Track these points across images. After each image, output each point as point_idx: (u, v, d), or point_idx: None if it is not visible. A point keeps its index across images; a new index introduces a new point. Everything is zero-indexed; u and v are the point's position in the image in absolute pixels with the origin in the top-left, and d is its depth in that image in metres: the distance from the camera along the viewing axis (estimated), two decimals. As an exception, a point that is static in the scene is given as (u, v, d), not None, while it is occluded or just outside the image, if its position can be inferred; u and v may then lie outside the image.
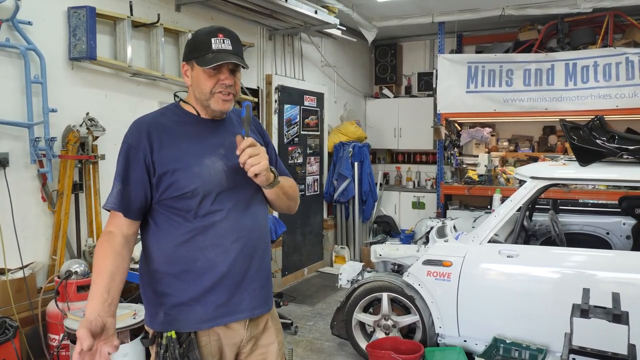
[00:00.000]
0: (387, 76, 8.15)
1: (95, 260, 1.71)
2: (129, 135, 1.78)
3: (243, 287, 1.81)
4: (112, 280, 1.64)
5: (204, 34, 1.77)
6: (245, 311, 1.83)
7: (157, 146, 1.74)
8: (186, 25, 4.69)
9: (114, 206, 1.73)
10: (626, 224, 4.47)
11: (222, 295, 1.78)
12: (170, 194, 1.73)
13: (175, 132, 1.78)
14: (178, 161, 1.74)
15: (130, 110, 4.28)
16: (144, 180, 1.73)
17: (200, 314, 1.76)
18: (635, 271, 3.25)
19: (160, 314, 1.77)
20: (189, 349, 1.75)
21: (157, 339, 1.77)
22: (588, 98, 5.75)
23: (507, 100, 6.21)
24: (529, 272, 3.48)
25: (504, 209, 3.63)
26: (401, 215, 7.74)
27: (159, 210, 1.77)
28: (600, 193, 5.72)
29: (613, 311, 2.01)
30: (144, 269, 1.82)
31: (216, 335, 1.80)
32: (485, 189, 6.37)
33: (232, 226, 1.78)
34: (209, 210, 1.75)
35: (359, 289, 3.97)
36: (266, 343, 1.93)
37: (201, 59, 1.73)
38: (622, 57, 5.56)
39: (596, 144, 3.50)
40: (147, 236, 1.80)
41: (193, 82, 1.79)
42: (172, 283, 1.76)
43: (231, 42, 1.76)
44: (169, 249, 1.76)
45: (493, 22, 6.59)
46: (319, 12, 5.33)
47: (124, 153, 1.76)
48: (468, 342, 3.68)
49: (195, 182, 1.72)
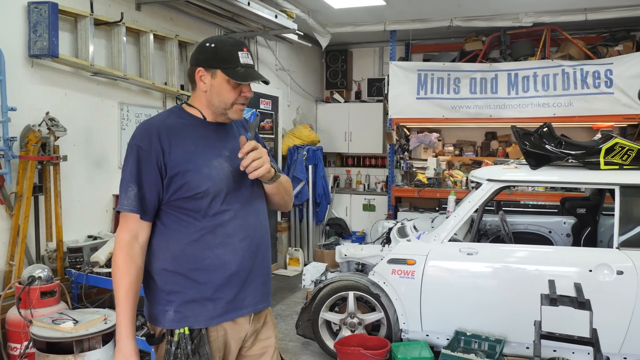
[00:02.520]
0: (338, 81, 8.34)
1: (117, 272, 1.74)
2: (139, 138, 1.78)
3: (248, 283, 1.87)
4: (135, 301, 1.76)
5: (229, 45, 1.81)
6: (250, 306, 1.89)
7: (167, 148, 1.76)
8: (146, 25, 4.61)
9: (133, 209, 1.74)
10: (566, 223, 4.86)
11: (231, 291, 1.83)
12: (181, 195, 1.76)
13: (183, 134, 1.81)
14: (188, 162, 1.77)
15: (89, 110, 4.17)
16: (157, 182, 1.76)
17: (210, 311, 1.80)
18: (578, 265, 3.54)
19: (169, 312, 1.79)
20: (199, 344, 1.78)
21: (168, 336, 1.79)
22: (529, 106, 6.17)
23: (454, 107, 6.53)
24: (487, 269, 3.72)
25: (463, 209, 3.85)
26: (352, 218, 7.93)
27: (167, 210, 1.80)
28: (539, 195, 6.16)
29: (578, 299, 2.23)
30: (149, 268, 1.83)
31: (223, 331, 1.85)
32: (434, 192, 6.68)
33: (240, 225, 1.84)
34: (219, 210, 1.79)
35: (324, 288, 4.06)
36: (265, 337, 2.00)
37: (231, 71, 1.77)
38: (559, 69, 6.02)
39: (545, 149, 3.80)
40: (154, 236, 1.82)
41: (212, 90, 1.81)
42: (181, 281, 1.79)
43: (251, 57, 1.85)
44: (178, 248, 1.78)
45: (441, 32, 6.92)
46: (279, 16, 5.40)
47: (134, 155, 1.76)
48: (430, 336, 3.87)
49: (206, 183, 1.77)
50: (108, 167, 4.36)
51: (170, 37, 4.85)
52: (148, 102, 4.79)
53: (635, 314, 3.35)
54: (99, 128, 4.27)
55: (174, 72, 4.86)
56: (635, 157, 3.60)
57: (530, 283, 3.55)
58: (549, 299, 2.26)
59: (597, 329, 2.22)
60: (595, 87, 5.85)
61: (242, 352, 1.94)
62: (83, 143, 4.11)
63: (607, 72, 5.80)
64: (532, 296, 3.51)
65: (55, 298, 3.29)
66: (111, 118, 4.38)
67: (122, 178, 1.80)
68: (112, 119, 4.39)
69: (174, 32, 4.97)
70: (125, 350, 1.71)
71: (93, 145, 4.21)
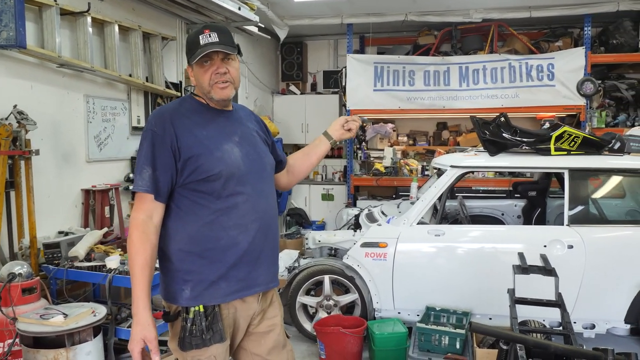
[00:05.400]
0: (294, 73, 8.45)
1: (133, 249, 1.80)
2: (154, 123, 1.87)
3: (260, 263, 1.99)
4: (151, 276, 1.82)
5: (193, 35, 1.93)
6: (260, 285, 2.01)
7: (180, 133, 1.86)
8: (109, 15, 4.55)
9: (147, 189, 1.82)
10: (517, 206, 5.25)
11: (243, 270, 1.94)
12: (195, 177, 1.86)
13: (195, 120, 1.92)
14: (200, 146, 1.87)
15: (56, 103, 4.09)
16: (172, 165, 1.85)
17: (224, 289, 1.91)
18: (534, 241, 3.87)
19: (186, 290, 1.88)
20: (213, 321, 1.88)
21: (183, 313, 1.88)
22: (479, 98, 6.55)
23: (410, 98, 6.82)
24: (454, 248, 3.98)
25: (430, 194, 4.10)
26: (311, 207, 8.08)
27: (182, 193, 1.88)
28: (489, 181, 6.57)
29: (546, 267, 2.51)
30: (165, 249, 1.90)
31: (234, 308, 1.96)
32: (391, 180, 6.96)
33: (252, 207, 1.95)
34: (232, 191, 1.90)
35: (300, 273, 4.21)
36: (272, 315, 2.12)
37: (193, 57, 1.89)
38: (506, 63, 6.43)
39: (503, 137, 4.10)
40: (169, 218, 1.90)
41: (196, 81, 1.95)
42: (196, 261, 1.88)
43: (218, 35, 1.91)
44: (194, 229, 1.88)
45: (395, 26, 7.18)
46: (242, 8, 5.44)
47: (149, 139, 1.85)
48: (402, 313, 4.11)
49: (219, 165, 1.87)
50: (76, 162, 4.29)
51: (134, 29, 4.80)
52: (113, 95, 4.73)
53: (583, 283, 3.72)
54: (66, 121, 4.19)
55: (138, 63, 4.82)
56: (582, 144, 3.96)
57: (493, 260, 3.86)
58: (521, 269, 2.52)
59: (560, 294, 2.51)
60: (539, 80, 6.30)
61: (250, 330, 2.06)
62: (51, 137, 4.03)
63: (549, 66, 6.26)
64: (494, 272, 3.84)
65: (36, 294, 3.24)
66: (77, 111, 4.30)
67: (137, 161, 1.88)
68: (79, 112, 4.32)
69: (137, 23, 4.92)
70: (143, 321, 1.79)
71: (61, 139, 4.13)
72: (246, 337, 2.06)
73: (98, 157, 4.52)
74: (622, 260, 3.68)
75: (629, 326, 3.76)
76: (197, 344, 1.86)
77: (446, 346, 3.61)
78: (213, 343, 1.88)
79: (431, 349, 3.66)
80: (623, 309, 3.69)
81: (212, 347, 1.88)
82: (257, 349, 2.08)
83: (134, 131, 5.00)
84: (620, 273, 3.68)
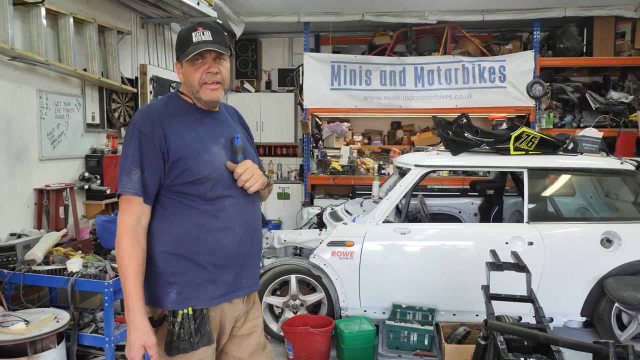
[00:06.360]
0: (248, 71, 8.34)
1: (124, 255, 1.74)
2: (140, 123, 1.81)
3: (245, 266, 1.97)
4: (142, 280, 1.78)
5: (186, 31, 1.88)
6: (245, 288, 1.99)
7: (169, 134, 1.81)
8: (63, 7, 4.32)
9: (137, 192, 1.76)
10: (474, 204, 5.44)
11: (231, 273, 1.91)
12: (182, 180, 1.81)
13: (183, 121, 1.87)
14: (189, 148, 1.82)
15: (7, 98, 3.85)
16: (160, 167, 1.80)
17: (211, 292, 1.88)
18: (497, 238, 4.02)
19: (171, 293, 1.84)
20: (201, 323, 1.85)
21: (170, 317, 1.83)
22: (434, 98, 6.72)
23: (366, 97, 6.90)
24: (419, 246, 4.07)
25: (395, 193, 4.17)
26: (267, 206, 8.02)
27: (167, 195, 1.83)
28: (444, 180, 6.76)
29: (519, 264, 2.61)
30: (149, 251, 1.84)
31: (220, 311, 1.93)
32: (348, 179, 7.03)
33: (239, 210, 1.93)
34: (219, 194, 1.87)
35: (266, 273, 4.17)
36: (254, 317, 2.11)
37: (185, 54, 1.84)
38: (460, 64, 6.63)
39: (465, 137, 4.24)
40: (153, 220, 1.84)
41: (185, 78, 1.90)
42: (182, 263, 1.84)
43: (211, 33, 1.87)
44: (181, 231, 1.83)
45: (351, 26, 7.24)
46: (200, 3, 5.32)
47: (136, 140, 1.78)
48: (368, 311, 4.16)
49: (207, 168, 1.83)
50: (28, 160, 4.05)
51: (90, 21, 4.58)
52: (67, 90, 4.50)
53: (543, 278, 3.90)
54: (18, 117, 3.95)
55: (94, 58, 4.61)
56: (539, 144, 4.16)
57: (458, 257, 3.98)
58: (495, 266, 2.61)
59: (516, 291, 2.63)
60: (491, 81, 6.54)
61: (233, 332, 2.03)
62: (2, 133, 3.79)
63: (500, 68, 6.52)
64: (458, 269, 3.96)
65: (-9, 301, 3.05)
66: (30, 107, 4.06)
67: (122, 162, 1.81)
68: (31, 107, 4.08)
69: (92, 15, 4.70)
70: (141, 328, 1.74)
71: (12, 136, 3.89)
72: (229, 341, 2.03)
73: (52, 155, 4.29)
74: (578, 256, 3.89)
75: (584, 319, 3.99)
76: (185, 348, 1.82)
77: (415, 343, 3.69)
78: (201, 346, 1.84)
79: (400, 346, 3.73)
80: (579, 302, 3.91)
81: (199, 350, 1.84)
82: (239, 352, 2.06)
83: (89, 128, 4.78)
84: (576, 268, 3.89)
